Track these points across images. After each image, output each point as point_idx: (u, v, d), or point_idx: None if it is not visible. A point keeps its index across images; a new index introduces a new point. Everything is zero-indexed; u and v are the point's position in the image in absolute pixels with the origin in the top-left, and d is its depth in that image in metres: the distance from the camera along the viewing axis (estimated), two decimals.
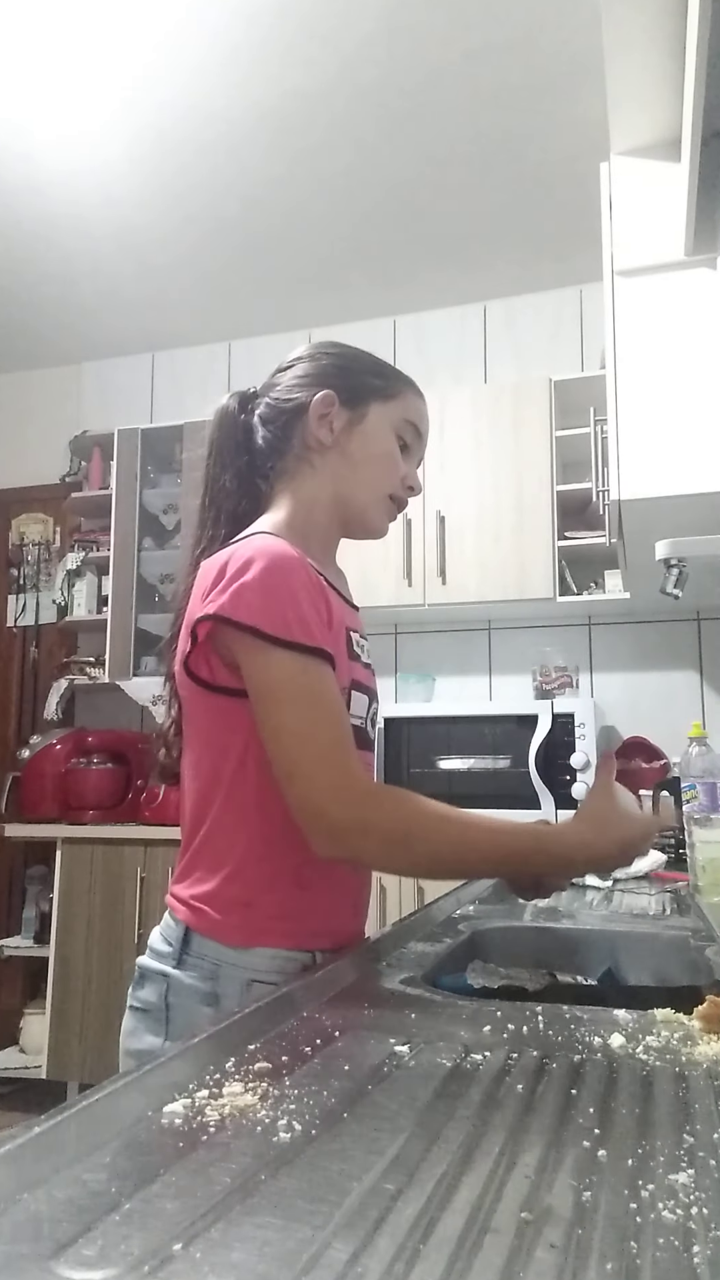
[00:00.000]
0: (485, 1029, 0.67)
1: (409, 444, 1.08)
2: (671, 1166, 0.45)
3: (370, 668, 1.07)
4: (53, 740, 3.47)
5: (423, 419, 1.10)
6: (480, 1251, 0.36)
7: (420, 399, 1.10)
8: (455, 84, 2.52)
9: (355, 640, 1.02)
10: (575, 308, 3.50)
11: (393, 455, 1.06)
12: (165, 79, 2.50)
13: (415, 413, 1.09)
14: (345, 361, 1.08)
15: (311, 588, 0.92)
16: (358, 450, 1.05)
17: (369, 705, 1.04)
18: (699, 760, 1.81)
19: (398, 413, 1.07)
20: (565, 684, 3.14)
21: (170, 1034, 0.92)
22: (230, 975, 0.91)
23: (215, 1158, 0.45)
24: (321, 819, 0.86)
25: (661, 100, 1.76)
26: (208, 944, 0.92)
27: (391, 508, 1.08)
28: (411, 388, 1.10)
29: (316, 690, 0.89)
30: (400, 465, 1.07)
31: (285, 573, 0.90)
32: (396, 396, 1.07)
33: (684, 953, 1.11)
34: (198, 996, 0.92)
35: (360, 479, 1.06)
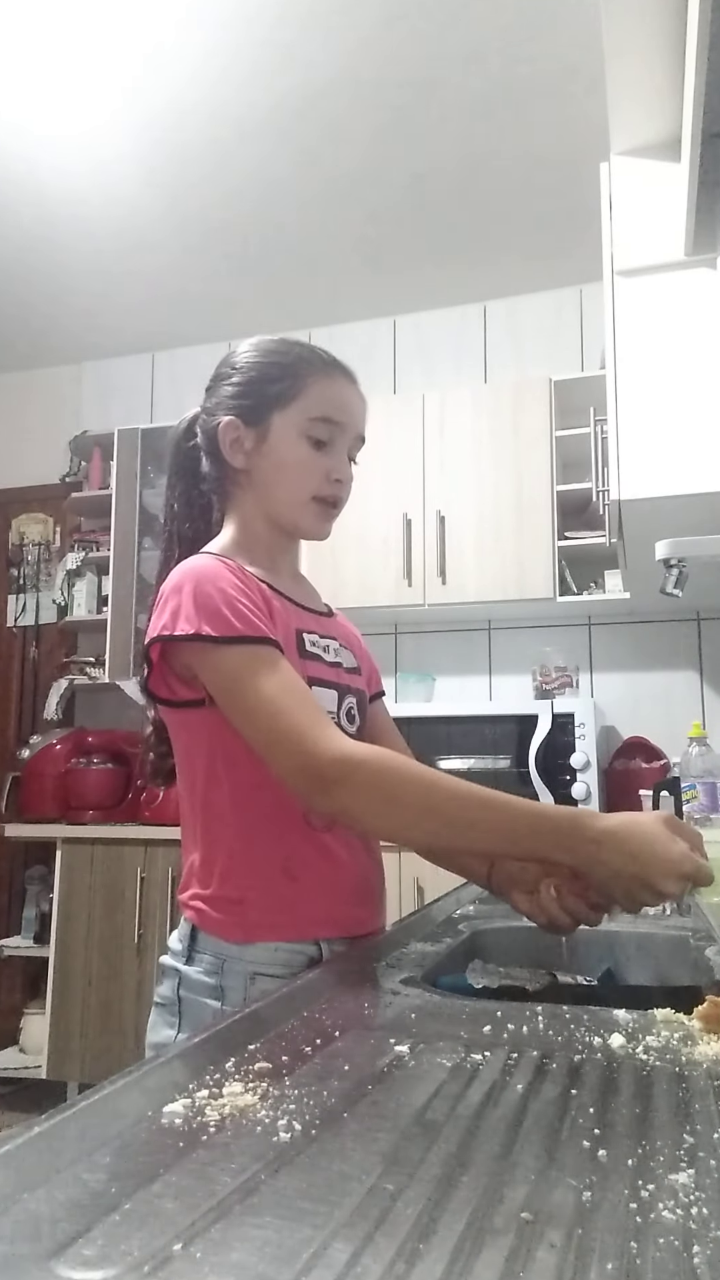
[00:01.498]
0: (485, 1029, 0.67)
1: (325, 438, 1.04)
2: (671, 1166, 0.45)
3: (340, 666, 1.08)
4: (53, 740, 3.47)
5: (335, 405, 1.05)
6: (480, 1251, 0.36)
7: (331, 381, 1.05)
8: (455, 84, 2.52)
9: (309, 640, 1.04)
10: (575, 308, 3.50)
11: (302, 462, 1.04)
12: (165, 79, 2.50)
13: (324, 404, 1.04)
14: (245, 376, 1.06)
15: (242, 589, 0.95)
16: (269, 467, 1.05)
17: (339, 699, 1.05)
18: (699, 760, 1.81)
19: (300, 413, 1.04)
20: (565, 684, 3.14)
21: (182, 1026, 0.97)
22: (233, 969, 0.95)
23: (215, 1158, 0.45)
24: (307, 777, 0.87)
25: (661, 100, 1.76)
26: (211, 941, 0.97)
27: (320, 509, 1.06)
28: (318, 375, 1.05)
29: (273, 669, 0.91)
30: (315, 467, 1.04)
31: (210, 580, 0.95)
32: (297, 396, 1.04)
33: (684, 953, 1.11)
34: (205, 990, 0.96)
35: (278, 494, 1.06)
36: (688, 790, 1.73)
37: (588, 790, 2.75)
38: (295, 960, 0.96)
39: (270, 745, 0.89)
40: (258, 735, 0.90)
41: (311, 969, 0.90)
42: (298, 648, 1.02)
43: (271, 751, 0.89)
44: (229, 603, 0.93)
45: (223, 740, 0.95)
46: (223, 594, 0.93)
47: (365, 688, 1.15)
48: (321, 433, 1.04)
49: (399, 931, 1.08)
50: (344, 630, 1.17)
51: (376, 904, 1.08)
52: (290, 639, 1.01)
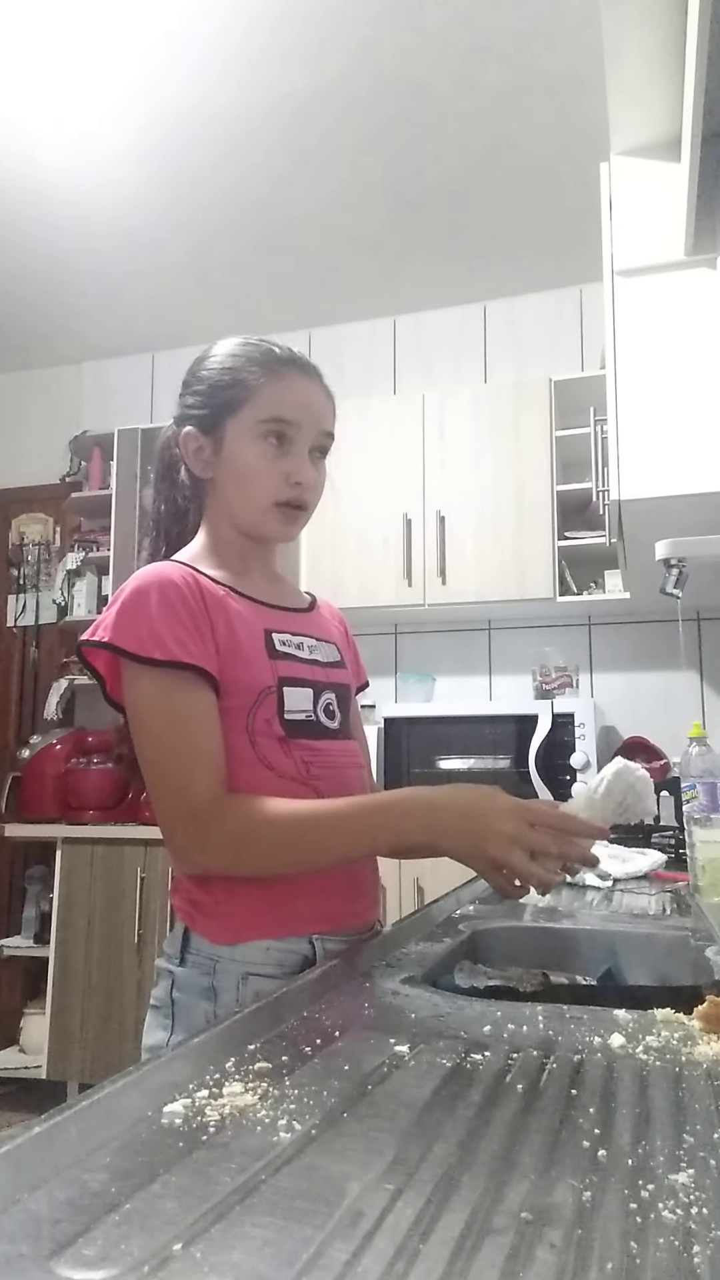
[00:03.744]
0: (485, 1029, 0.67)
1: (280, 438, 1.02)
2: (671, 1166, 0.45)
3: (318, 662, 1.07)
4: (53, 740, 3.47)
5: (286, 404, 1.02)
6: (480, 1251, 0.36)
7: (279, 380, 1.02)
8: (455, 84, 2.52)
9: (279, 640, 1.03)
10: (575, 308, 3.50)
11: (256, 468, 1.02)
12: (165, 79, 2.50)
13: (273, 404, 1.01)
14: (201, 385, 1.05)
15: (184, 603, 0.95)
16: (226, 475, 1.05)
17: (316, 697, 1.05)
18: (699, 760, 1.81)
19: (251, 416, 1.02)
20: (565, 684, 3.14)
21: (175, 1028, 0.96)
22: (226, 970, 0.95)
23: (215, 1158, 0.45)
24: (169, 843, 0.92)
25: (661, 100, 1.76)
26: (203, 943, 0.97)
27: (282, 514, 1.04)
28: (267, 376, 1.02)
29: (176, 701, 0.92)
30: (272, 471, 1.02)
31: (152, 590, 0.95)
32: (248, 400, 1.02)
33: (684, 953, 1.11)
34: (197, 991, 0.96)
35: (238, 501, 1.05)
36: (688, 790, 1.73)
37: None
38: (288, 959, 0.96)
39: (151, 788, 0.92)
40: (145, 773, 0.93)
41: (312, 969, 0.90)
42: (266, 648, 1.01)
43: (152, 794, 0.92)
44: (159, 619, 0.92)
45: None
46: (157, 608, 0.93)
47: (350, 681, 1.15)
48: (274, 435, 1.02)
49: (399, 931, 1.08)
50: (324, 625, 1.16)
51: (370, 897, 1.07)
52: (256, 640, 1.01)
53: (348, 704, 1.12)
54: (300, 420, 1.03)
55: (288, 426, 1.02)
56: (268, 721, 0.99)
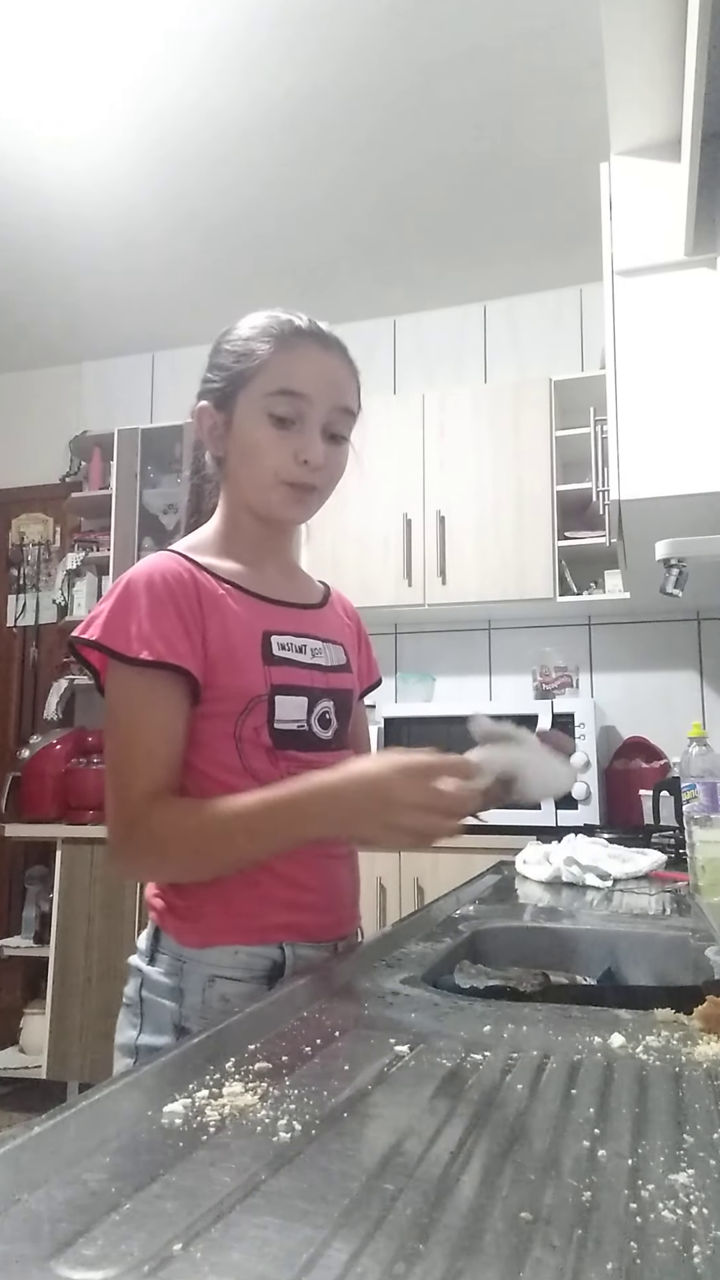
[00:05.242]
0: (485, 1029, 0.67)
1: (288, 414, 0.95)
2: (671, 1166, 0.45)
3: (319, 667, 1.03)
4: (53, 740, 3.48)
5: (295, 376, 0.96)
6: (480, 1251, 0.36)
7: (291, 351, 0.96)
8: (455, 84, 2.52)
9: (279, 643, 0.99)
10: (575, 308, 3.50)
11: (261, 444, 0.96)
12: (165, 79, 2.50)
13: (281, 376, 0.96)
14: (217, 359, 1.01)
15: (171, 600, 0.92)
16: (235, 452, 1.00)
17: (311, 705, 1.00)
18: (699, 760, 1.81)
19: (259, 390, 0.96)
20: (565, 684, 3.14)
21: (143, 1027, 0.95)
22: (193, 971, 0.94)
23: (215, 1158, 0.45)
24: (108, 846, 0.90)
25: (661, 100, 1.76)
26: (172, 943, 0.96)
27: (290, 492, 0.98)
28: (278, 346, 0.96)
29: (138, 709, 0.90)
30: (279, 448, 0.96)
31: (137, 591, 0.92)
32: (257, 373, 0.96)
33: (684, 953, 1.11)
34: (164, 991, 0.95)
35: (246, 479, 1.00)
36: (688, 790, 1.73)
37: (588, 790, 2.75)
38: (256, 963, 0.93)
39: (107, 792, 0.90)
40: (106, 776, 0.91)
41: (311, 971, 0.90)
42: (262, 653, 0.97)
43: (106, 799, 0.90)
44: (148, 616, 0.90)
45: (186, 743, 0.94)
46: (147, 605, 0.91)
47: (354, 685, 1.10)
48: (282, 408, 0.95)
49: (399, 931, 1.08)
50: (333, 623, 1.11)
51: (348, 909, 1.04)
52: (252, 644, 0.96)
53: (347, 711, 1.08)
54: (311, 393, 0.96)
55: (296, 400, 0.95)
56: (256, 730, 0.95)
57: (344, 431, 1.00)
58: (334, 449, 0.99)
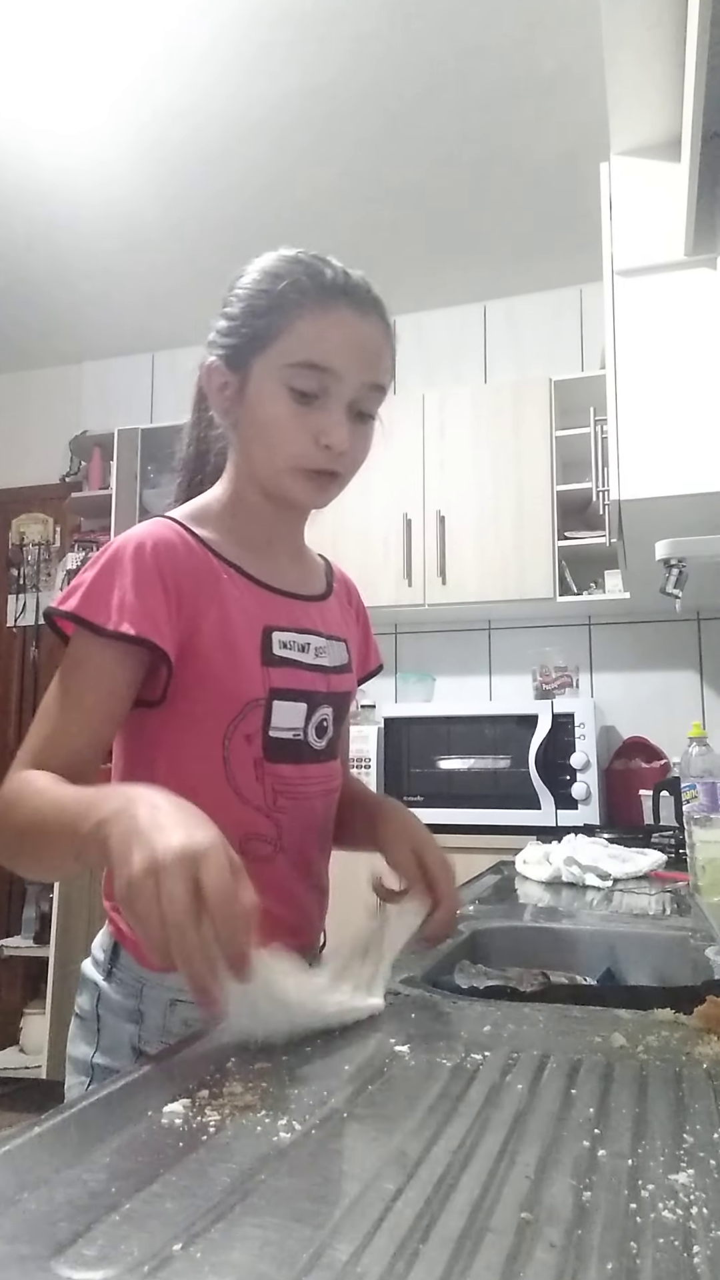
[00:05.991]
0: (485, 1029, 0.67)
1: (311, 389, 0.83)
2: (671, 1166, 0.45)
3: (321, 668, 0.93)
4: None
5: (324, 346, 0.82)
6: (480, 1251, 0.36)
7: (323, 314, 0.83)
8: (455, 84, 2.52)
9: (280, 641, 0.89)
10: (575, 308, 3.50)
11: (278, 421, 0.84)
12: (165, 79, 2.50)
13: (308, 345, 0.82)
14: (234, 308, 0.87)
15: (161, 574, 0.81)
16: (247, 422, 0.87)
17: (308, 713, 0.91)
18: (699, 760, 1.81)
19: (279, 358, 0.83)
20: (565, 684, 3.14)
21: (100, 1046, 0.89)
22: (153, 995, 0.87)
23: (215, 1158, 0.45)
24: None
25: (661, 100, 1.76)
26: (132, 963, 0.89)
27: (307, 480, 0.86)
28: (308, 307, 0.83)
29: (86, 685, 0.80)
30: (297, 428, 0.84)
31: (122, 558, 0.81)
32: (278, 336, 0.83)
33: (684, 953, 1.11)
34: (123, 1013, 0.88)
35: (259, 457, 0.87)
36: (688, 790, 1.73)
37: (588, 790, 2.75)
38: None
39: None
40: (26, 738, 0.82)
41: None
42: (262, 651, 0.87)
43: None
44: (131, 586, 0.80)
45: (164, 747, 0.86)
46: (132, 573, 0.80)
47: (352, 686, 1.02)
48: (305, 383, 0.83)
49: None
50: (338, 617, 1.02)
51: (313, 926, 0.97)
52: (252, 639, 0.87)
53: (344, 716, 1.00)
54: (340, 368, 0.83)
55: (322, 375, 0.83)
56: (248, 738, 0.86)
57: (372, 410, 0.89)
58: (359, 429, 0.88)
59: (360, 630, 1.08)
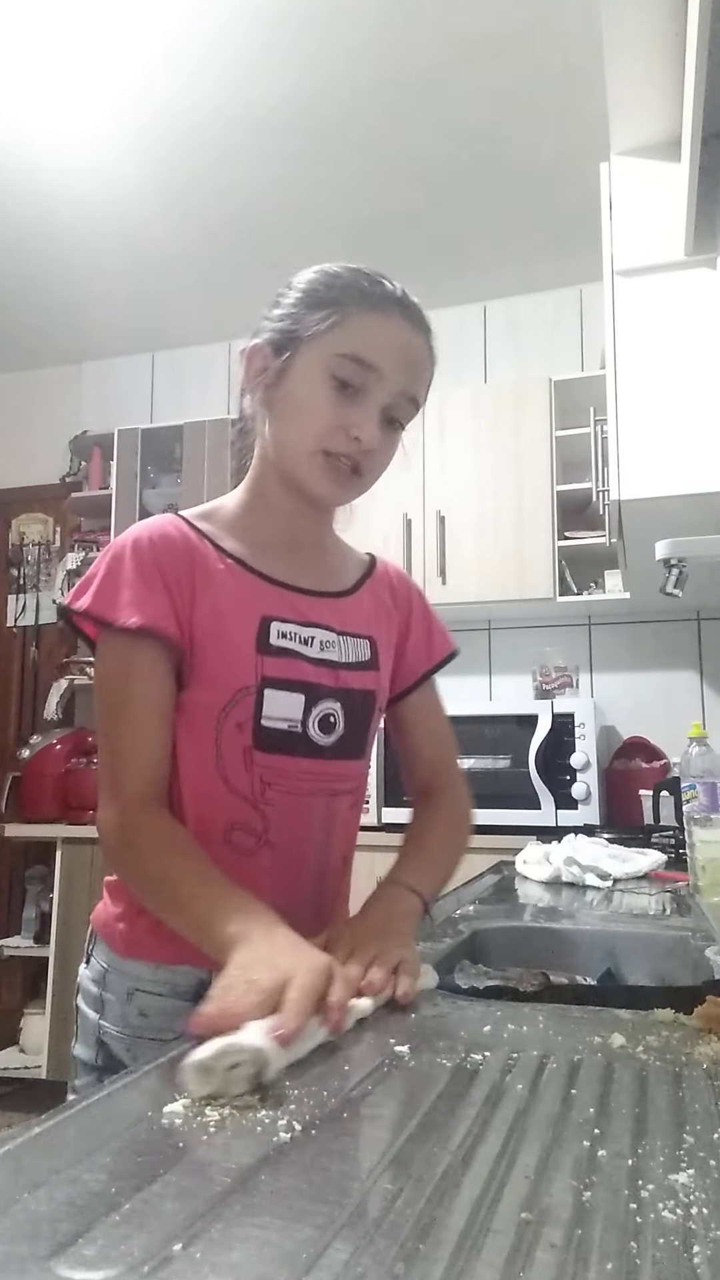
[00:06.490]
0: (485, 1029, 0.67)
1: (353, 381, 0.85)
2: (671, 1166, 0.45)
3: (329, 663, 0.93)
4: (53, 740, 3.48)
5: (373, 345, 0.85)
6: (480, 1251, 0.36)
7: (378, 317, 0.86)
8: (455, 84, 2.52)
9: (278, 631, 0.89)
10: (575, 308, 3.50)
11: (314, 403, 0.86)
12: (165, 79, 2.50)
13: (358, 340, 0.85)
14: (291, 298, 0.91)
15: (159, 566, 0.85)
16: (281, 405, 0.88)
17: (310, 705, 0.91)
18: (699, 760, 1.81)
19: (330, 347, 0.85)
20: (565, 684, 3.14)
21: (78, 1035, 0.91)
22: (114, 982, 0.89)
23: (215, 1158, 0.45)
24: (100, 835, 0.85)
25: (661, 100, 1.76)
26: (103, 948, 0.92)
27: (327, 465, 0.87)
28: (364, 307, 0.86)
29: (125, 686, 0.84)
30: (331, 414, 0.85)
31: (123, 553, 0.86)
32: (335, 326, 0.86)
33: (684, 953, 1.11)
34: (90, 1000, 0.91)
35: (285, 440, 0.89)
36: (688, 790, 1.73)
37: (588, 790, 2.75)
38: (182, 981, 0.86)
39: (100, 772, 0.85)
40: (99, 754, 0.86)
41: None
42: (258, 640, 0.88)
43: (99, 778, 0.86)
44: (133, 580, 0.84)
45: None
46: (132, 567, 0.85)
47: (379, 685, 0.99)
48: (349, 374, 0.85)
49: None
50: (364, 614, 0.99)
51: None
52: (247, 628, 0.88)
53: (368, 716, 0.96)
54: (384, 368, 0.85)
55: (366, 372, 0.85)
56: (239, 725, 0.87)
57: (403, 420, 0.90)
58: (388, 435, 0.89)
59: (414, 625, 1.09)
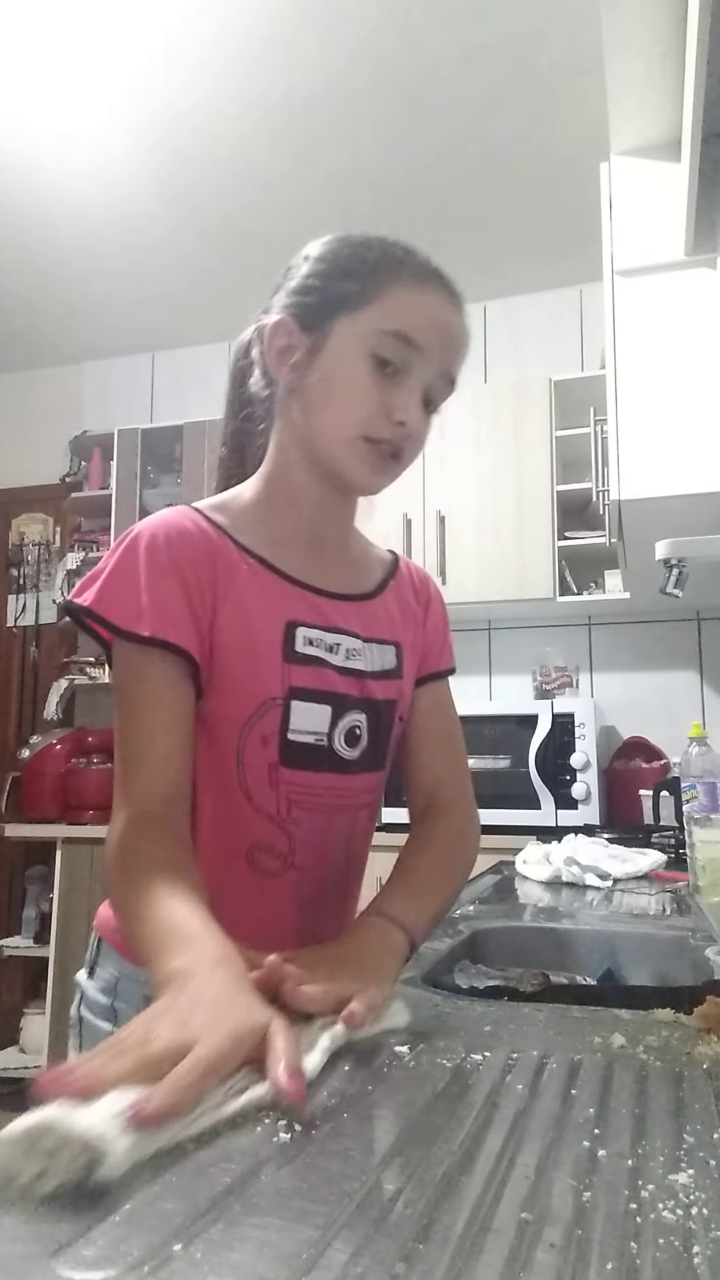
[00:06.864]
0: (485, 1029, 0.67)
1: (396, 360, 0.79)
2: (671, 1166, 0.45)
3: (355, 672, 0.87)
4: (53, 740, 3.48)
5: (419, 322, 0.79)
6: (480, 1251, 0.36)
7: (422, 292, 0.81)
8: (455, 84, 2.52)
9: (304, 637, 0.83)
10: (575, 308, 3.50)
11: (357, 385, 0.79)
12: (166, 79, 2.50)
13: (404, 316, 0.79)
14: (315, 268, 0.84)
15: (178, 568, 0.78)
16: (316, 385, 0.81)
17: (337, 717, 0.85)
18: (699, 760, 1.81)
19: (371, 322, 0.79)
20: (565, 684, 3.14)
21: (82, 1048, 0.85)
22: (128, 990, 0.84)
23: (215, 1158, 0.45)
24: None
25: (661, 100, 1.76)
26: (113, 955, 0.86)
27: (369, 452, 0.81)
28: (407, 280, 0.81)
29: (137, 698, 0.77)
30: (373, 397, 0.79)
31: (137, 551, 0.78)
32: (373, 300, 0.79)
33: (684, 953, 1.11)
34: (100, 1010, 0.85)
35: (319, 422, 0.82)
36: (688, 790, 1.73)
37: (588, 790, 2.75)
38: None
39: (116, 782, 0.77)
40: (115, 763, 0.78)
41: None
42: (284, 647, 0.82)
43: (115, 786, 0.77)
44: (148, 585, 0.77)
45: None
46: (146, 568, 0.77)
47: (398, 694, 0.93)
48: (392, 352, 0.79)
49: None
50: (388, 618, 0.94)
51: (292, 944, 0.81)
52: (272, 634, 0.82)
53: (386, 726, 0.91)
54: (427, 347, 0.80)
55: (410, 351, 0.79)
56: (264, 740, 0.81)
57: (439, 401, 0.85)
58: (427, 418, 0.84)
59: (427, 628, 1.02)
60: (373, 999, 0.62)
